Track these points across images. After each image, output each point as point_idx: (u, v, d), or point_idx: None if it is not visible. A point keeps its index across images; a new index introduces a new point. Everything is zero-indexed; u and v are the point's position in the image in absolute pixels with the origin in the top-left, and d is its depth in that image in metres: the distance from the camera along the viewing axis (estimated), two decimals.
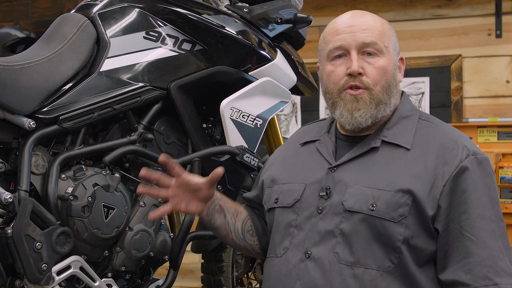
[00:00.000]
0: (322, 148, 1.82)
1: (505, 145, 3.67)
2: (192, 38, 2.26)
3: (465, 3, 4.03)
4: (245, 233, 1.93)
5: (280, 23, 2.45)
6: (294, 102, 4.29)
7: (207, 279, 2.67)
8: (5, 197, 1.88)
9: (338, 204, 1.70)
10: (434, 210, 1.65)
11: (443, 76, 4.04)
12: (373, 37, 1.74)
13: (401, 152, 1.72)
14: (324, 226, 1.70)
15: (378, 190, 1.68)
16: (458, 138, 1.73)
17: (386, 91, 1.74)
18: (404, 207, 1.65)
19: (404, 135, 1.75)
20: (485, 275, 1.62)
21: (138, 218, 2.13)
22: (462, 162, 1.67)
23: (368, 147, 1.75)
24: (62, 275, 1.96)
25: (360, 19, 1.77)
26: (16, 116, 1.96)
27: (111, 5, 2.18)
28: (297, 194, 1.78)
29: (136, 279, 2.20)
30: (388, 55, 1.76)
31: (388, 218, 1.65)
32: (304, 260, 1.70)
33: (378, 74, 1.73)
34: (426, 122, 1.78)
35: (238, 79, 2.33)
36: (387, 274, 1.64)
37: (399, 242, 1.64)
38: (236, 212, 1.93)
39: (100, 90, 2.09)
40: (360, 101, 1.73)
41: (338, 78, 1.75)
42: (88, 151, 2.06)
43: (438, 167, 1.67)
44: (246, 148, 2.31)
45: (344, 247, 1.67)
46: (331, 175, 1.75)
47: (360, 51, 1.74)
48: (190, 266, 4.13)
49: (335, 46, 1.76)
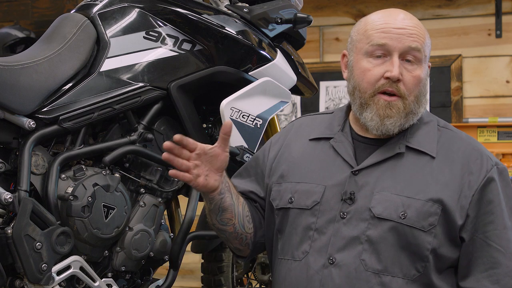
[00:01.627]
0: (340, 149, 1.77)
1: (505, 145, 3.67)
2: (192, 38, 2.26)
3: (465, 3, 4.03)
4: (244, 219, 1.85)
5: (280, 23, 2.44)
6: (294, 102, 4.29)
7: (207, 279, 2.67)
8: (5, 197, 1.88)
9: (364, 210, 1.67)
10: (463, 220, 1.66)
11: (443, 76, 4.04)
12: (419, 44, 1.70)
13: (426, 159, 1.70)
14: (349, 231, 1.67)
15: (408, 198, 1.66)
16: (480, 148, 1.74)
17: (417, 101, 1.72)
18: (434, 216, 1.65)
19: (428, 142, 1.73)
20: None
21: (138, 218, 2.13)
22: (489, 173, 1.68)
23: (394, 152, 1.71)
24: (62, 275, 1.96)
25: (409, 22, 1.72)
26: (16, 116, 1.96)
27: (111, 5, 2.18)
28: (316, 196, 1.74)
29: (136, 279, 2.20)
30: (424, 64, 1.73)
31: (418, 227, 1.64)
32: (327, 266, 1.67)
33: (414, 84, 1.70)
34: (445, 129, 1.77)
35: (238, 79, 2.33)
36: (411, 282, 1.64)
37: (428, 251, 1.64)
38: (237, 196, 1.84)
39: (100, 90, 2.09)
40: (394, 108, 1.69)
41: (375, 79, 1.70)
42: (88, 151, 2.06)
43: (464, 176, 1.67)
44: (246, 148, 2.31)
45: (371, 254, 1.65)
46: (354, 178, 1.71)
47: (402, 56, 1.70)
48: (190, 266, 4.13)
49: (379, 43, 1.70)
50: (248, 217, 1.86)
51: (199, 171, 1.70)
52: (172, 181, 2.25)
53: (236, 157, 2.28)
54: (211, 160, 1.72)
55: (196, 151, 1.70)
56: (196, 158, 1.70)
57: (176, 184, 2.25)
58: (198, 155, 1.70)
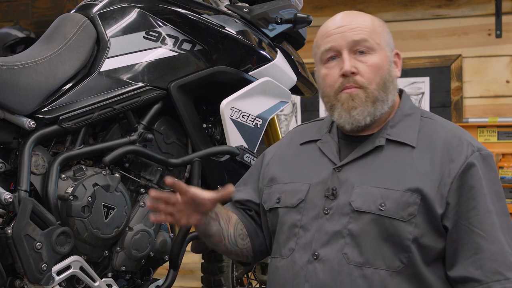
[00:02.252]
0: (325, 148, 1.81)
1: (505, 145, 3.67)
2: (192, 38, 2.26)
3: (465, 3, 4.03)
4: (236, 238, 1.90)
5: (280, 23, 2.45)
6: (294, 102, 4.29)
7: (207, 279, 2.67)
8: (5, 197, 1.88)
9: (345, 205, 1.69)
10: (443, 208, 1.66)
11: (443, 76, 4.04)
12: (363, 34, 1.74)
13: (406, 150, 1.72)
14: (332, 227, 1.69)
15: (386, 189, 1.67)
16: (462, 135, 1.73)
17: (382, 88, 1.74)
18: (413, 206, 1.65)
19: (409, 133, 1.74)
20: (496, 270, 1.62)
21: (138, 218, 2.13)
22: (468, 159, 1.67)
23: (373, 146, 1.74)
24: (62, 275, 1.96)
25: (349, 19, 1.77)
26: (16, 116, 1.96)
27: (111, 5, 2.18)
28: (301, 194, 1.77)
29: (136, 279, 2.20)
30: (381, 51, 1.75)
31: (397, 218, 1.65)
32: (312, 262, 1.69)
33: (372, 72, 1.73)
34: (428, 119, 1.78)
35: (238, 79, 2.33)
36: (396, 274, 1.64)
37: (409, 241, 1.64)
38: (228, 218, 1.89)
39: (100, 90, 2.09)
40: (356, 98, 1.72)
41: (333, 80, 1.75)
42: (88, 151, 2.06)
43: (445, 164, 1.68)
44: (246, 148, 2.31)
45: (353, 247, 1.66)
46: (336, 175, 1.74)
47: (351, 51, 1.73)
48: (190, 266, 4.13)
49: (326, 48, 1.76)
50: (241, 235, 1.90)
51: (181, 214, 1.73)
52: None
53: (236, 157, 2.28)
54: (196, 206, 1.73)
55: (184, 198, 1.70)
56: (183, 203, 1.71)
57: None
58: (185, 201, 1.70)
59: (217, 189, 2.31)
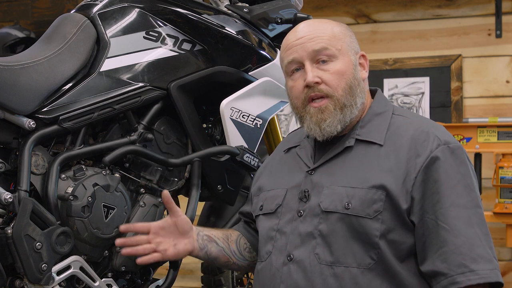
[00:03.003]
0: (302, 153, 1.85)
1: (505, 145, 3.67)
2: (192, 38, 2.26)
3: (465, 3, 4.03)
4: (242, 252, 1.95)
5: (280, 23, 2.45)
6: None
7: (207, 279, 2.67)
8: (5, 197, 1.88)
9: (315, 206, 1.72)
10: (408, 203, 1.66)
11: (443, 76, 4.04)
12: (322, 43, 1.76)
13: (374, 148, 1.74)
14: (304, 228, 1.72)
15: (352, 188, 1.69)
16: (430, 129, 1.73)
17: (348, 93, 1.75)
18: (378, 202, 1.66)
19: (377, 131, 1.76)
20: (461, 263, 1.62)
21: (138, 218, 2.12)
22: (433, 152, 1.68)
23: (343, 147, 1.77)
24: (62, 275, 1.96)
25: (308, 29, 1.79)
26: (16, 116, 1.96)
27: (111, 5, 2.18)
28: (279, 199, 1.81)
29: (136, 279, 2.20)
30: (343, 57, 1.77)
31: (363, 215, 1.67)
32: (286, 263, 1.72)
33: (337, 79, 1.75)
34: (399, 116, 1.79)
35: (238, 79, 2.33)
36: (367, 271, 1.65)
37: (377, 238, 1.65)
38: (225, 237, 1.94)
39: (100, 90, 2.09)
40: (325, 111, 1.75)
41: (299, 91, 1.78)
42: (88, 151, 2.06)
43: (411, 160, 1.68)
44: (246, 148, 2.31)
45: (324, 247, 1.69)
46: (310, 178, 1.77)
47: (313, 60, 1.76)
48: (190, 266, 4.13)
49: (288, 60, 1.79)
50: (247, 248, 1.96)
51: (164, 246, 1.81)
52: (172, 181, 2.25)
53: (236, 157, 2.28)
54: (171, 230, 1.82)
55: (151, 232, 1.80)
56: (155, 237, 1.81)
57: (176, 184, 2.25)
58: (155, 234, 1.81)
59: (217, 189, 2.32)
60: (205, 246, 1.88)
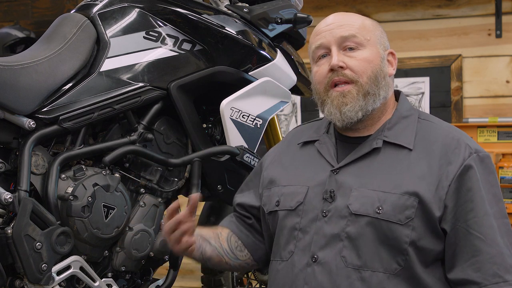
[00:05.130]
0: (323, 149, 1.81)
1: (505, 145, 3.67)
2: (192, 38, 2.26)
3: (465, 3, 4.03)
4: (234, 251, 1.91)
5: (280, 23, 2.45)
6: (294, 102, 4.29)
7: (207, 279, 2.67)
8: (5, 197, 1.88)
9: (343, 208, 1.69)
10: (441, 211, 1.65)
11: (443, 76, 4.03)
12: (352, 30, 1.75)
13: (404, 153, 1.72)
14: (330, 229, 1.69)
15: (384, 192, 1.67)
16: (460, 137, 1.73)
17: (373, 81, 1.73)
18: (411, 209, 1.65)
19: (406, 135, 1.74)
20: (495, 273, 1.62)
21: (138, 218, 2.13)
22: (466, 161, 1.67)
23: (370, 148, 1.74)
24: (62, 275, 1.96)
25: (339, 17, 1.79)
26: (16, 116, 1.96)
27: (111, 5, 2.18)
28: (300, 196, 1.77)
29: (136, 279, 2.20)
30: (371, 47, 1.75)
31: (394, 221, 1.65)
32: (310, 264, 1.69)
33: (362, 66, 1.73)
34: (426, 121, 1.78)
35: (238, 79, 2.33)
36: (394, 277, 1.64)
37: (406, 244, 1.64)
38: (216, 236, 1.90)
39: (100, 90, 2.09)
40: (347, 95, 1.72)
41: (322, 76, 1.76)
42: (88, 151, 2.06)
43: (442, 167, 1.67)
44: (246, 148, 2.31)
45: (351, 250, 1.66)
46: (334, 177, 1.74)
47: (341, 47, 1.75)
48: (190, 266, 4.13)
49: (316, 46, 1.78)
50: (238, 247, 1.92)
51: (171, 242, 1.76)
52: (172, 181, 2.25)
53: (236, 157, 2.28)
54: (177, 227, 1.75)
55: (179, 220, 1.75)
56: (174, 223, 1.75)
57: (176, 184, 2.25)
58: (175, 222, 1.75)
59: (217, 189, 2.32)
60: (200, 246, 1.84)
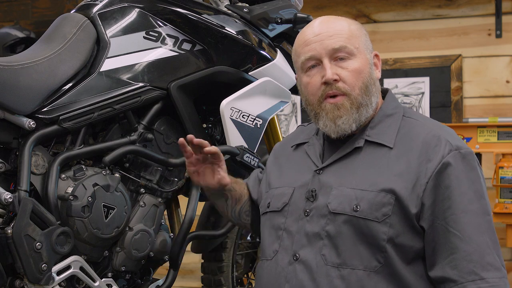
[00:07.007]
0: (310, 151, 1.85)
1: (505, 145, 3.66)
2: (192, 38, 2.26)
3: (465, 3, 4.03)
4: (241, 213, 2.01)
5: (280, 23, 2.45)
6: (294, 102, 4.29)
7: (207, 279, 2.67)
8: (5, 197, 1.88)
9: (323, 207, 1.72)
10: (418, 208, 1.66)
11: (443, 76, 4.04)
12: (342, 41, 1.74)
13: (384, 151, 1.73)
14: (311, 228, 1.72)
15: (361, 190, 1.69)
16: (441, 134, 1.72)
17: (364, 92, 1.75)
18: (387, 206, 1.66)
19: (387, 133, 1.75)
20: (472, 270, 1.62)
21: (138, 218, 2.13)
22: (445, 158, 1.67)
23: (352, 148, 1.76)
24: (62, 275, 1.96)
25: (326, 26, 1.78)
26: (16, 116, 1.96)
27: (111, 5, 2.18)
28: (286, 197, 1.81)
29: (136, 279, 2.20)
30: (360, 55, 1.76)
31: (371, 218, 1.66)
32: (292, 263, 1.72)
33: (354, 77, 1.74)
34: (409, 119, 1.78)
35: (238, 79, 2.33)
36: (374, 274, 1.65)
37: (384, 241, 1.65)
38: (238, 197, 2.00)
39: (100, 90, 2.09)
40: (341, 108, 1.74)
41: (316, 88, 1.76)
42: (88, 151, 2.06)
43: (422, 164, 1.68)
44: (246, 148, 2.31)
45: (331, 249, 1.68)
46: (318, 177, 1.77)
47: (332, 58, 1.75)
48: (190, 266, 4.13)
49: (306, 57, 1.77)
50: (247, 211, 2.02)
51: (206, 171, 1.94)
52: (172, 181, 2.25)
53: (236, 157, 2.28)
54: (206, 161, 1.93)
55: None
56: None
57: (176, 184, 2.25)
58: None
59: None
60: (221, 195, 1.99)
